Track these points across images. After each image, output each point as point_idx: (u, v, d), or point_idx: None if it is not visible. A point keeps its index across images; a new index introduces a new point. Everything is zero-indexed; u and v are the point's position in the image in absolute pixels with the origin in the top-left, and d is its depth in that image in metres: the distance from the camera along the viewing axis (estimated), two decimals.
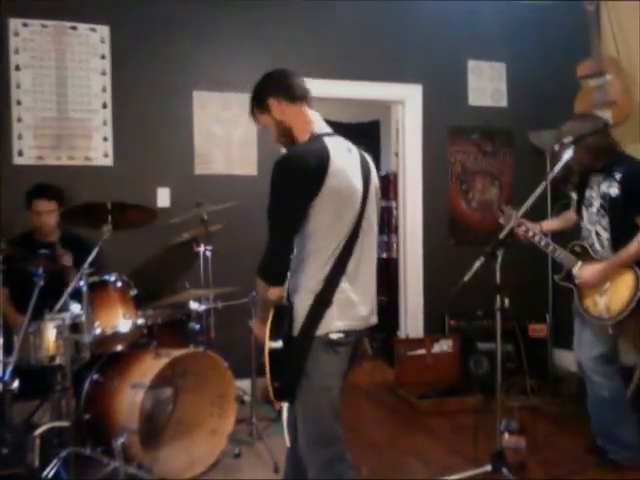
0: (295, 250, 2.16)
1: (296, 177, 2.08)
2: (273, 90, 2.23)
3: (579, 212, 3.39)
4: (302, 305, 2.11)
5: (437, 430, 3.97)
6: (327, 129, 2.25)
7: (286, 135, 2.25)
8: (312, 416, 2.19)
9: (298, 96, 2.22)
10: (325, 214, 2.09)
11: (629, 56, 4.54)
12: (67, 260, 3.63)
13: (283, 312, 2.14)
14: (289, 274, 2.18)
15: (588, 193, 3.30)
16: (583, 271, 3.20)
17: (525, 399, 4.32)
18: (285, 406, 2.33)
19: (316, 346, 2.10)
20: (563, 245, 3.33)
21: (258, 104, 2.27)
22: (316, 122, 2.24)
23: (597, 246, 3.23)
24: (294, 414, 2.23)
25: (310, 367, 2.11)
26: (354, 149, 2.25)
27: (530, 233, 3.28)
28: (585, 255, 3.25)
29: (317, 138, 2.17)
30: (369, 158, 2.31)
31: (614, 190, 3.15)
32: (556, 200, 4.80)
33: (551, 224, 3.63)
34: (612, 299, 3.12)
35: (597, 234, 3.24)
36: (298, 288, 2.14)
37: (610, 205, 3.17)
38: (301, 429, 2.20)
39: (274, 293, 2.17)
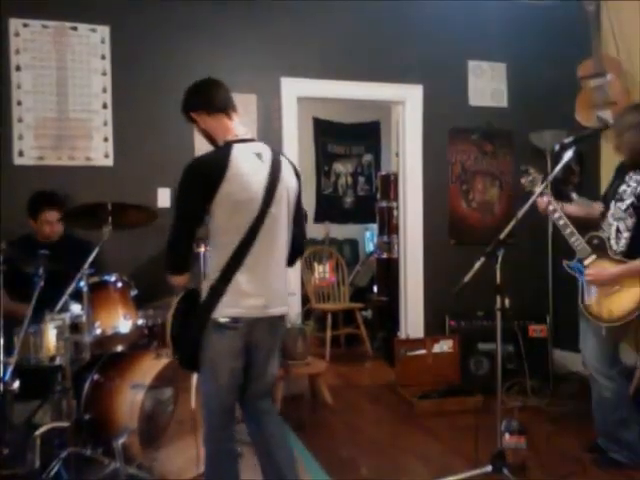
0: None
1: (192, 182, 2.38)
2: (194, 104, 2.56)
3: (605, 203, 3.32)
4: (204, 291, 2.44)
5: (437, 430, 3.97)
6: (243, 136, 2.52)
7: (210, 141, 2.58)
8: (203, 386, 2.56)
9: (216, 108, 2.53)
10: (222, 215, 2.38)
11: (629, 56, 4.54)
12: None
13: (188, 295, 2.54)
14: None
15: (622, 188, 3.22)
16: (597, 268, 3.14)
17: (525, 399, 4.33)
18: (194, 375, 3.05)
19: (210, 327, 2.41)
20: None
21: (186, 116, 2.59)
22: (232, 130, 2.52)
23: (613, 242, 3.17)
24: None
25: (203, 344, 2.44)
26: (267, 155, 2.50)
27: (551, 207, 3.23)
28: (601, 250, 3.17)
29: (226, 146, 2.46)
30: (286, 163, 2.56)
31: None
32: (557, 200, 4.80)
33: (574, 208, 3.46)
34: (616, 303, 3.08)
35: (618, 230, 3.18)
36: (205, 277, 2.53)
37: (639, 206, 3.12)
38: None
39: (177, 280, 2.55)
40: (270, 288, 2.50)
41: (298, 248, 2.71)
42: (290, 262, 2.66)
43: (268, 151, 2.53)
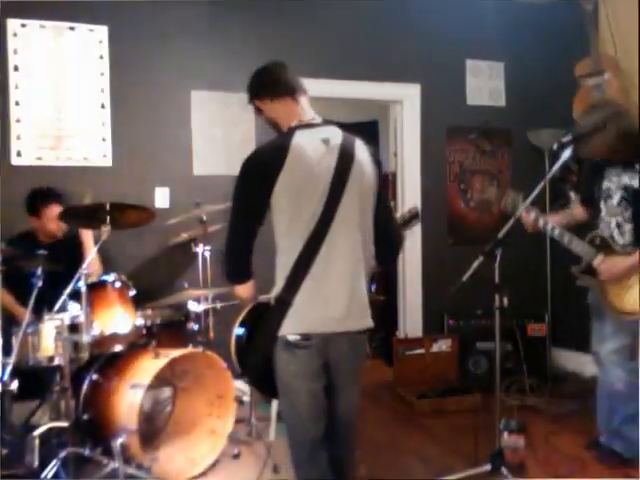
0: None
1: (249, 175, 2.14)
2: (256, 92, 2.30)
3: (592, 205, 3.32)
4: (271, 305, 2.14)
5: (436, 430, 3.97)
6: (310, 120, 2.24)
7: (276, 129, 2.30)
8: (284, 413, 2.27)
9: (279, 92, 2.25)
10: (283, 211, 2.10)
11: (627, 55, 4.54)
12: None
13: (255, 311, 2.26)
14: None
15: (606, 185, 3.23)
16: (608, 265, 3.12)
17: (524, 398, 4.33)
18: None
19: (279, 346, 2.13)
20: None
21: (254, 107, 2.34)
22: (298, 114, 2.24)
23: (617, 237, 3.17)
24: None
25: (276, 367, 2.16)
26: (336, 140, 2.19)
27: (541, 221, 3.22)
28: (605, 247, 3.16)
29: (287, 133, 2.18)
30: (362, 149, 2.24)
31: (636, 181, 3.11)
32: (555, 199, 4.81)
33: (557, 219, 3.43)
34: (635, 296, 3.06)
35: (618, 225, 3.17)
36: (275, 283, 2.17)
37: (634, 197, 3.12)
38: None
39: (241, 290, 2.29)
40: (347, 297, 2.13)
41: (390, 247, 2.37)
42: (384, 262, 2.36)
43: (339, 136, 2.22)
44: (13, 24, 4.15)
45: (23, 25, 4.17)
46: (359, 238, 2.18)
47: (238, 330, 2.24)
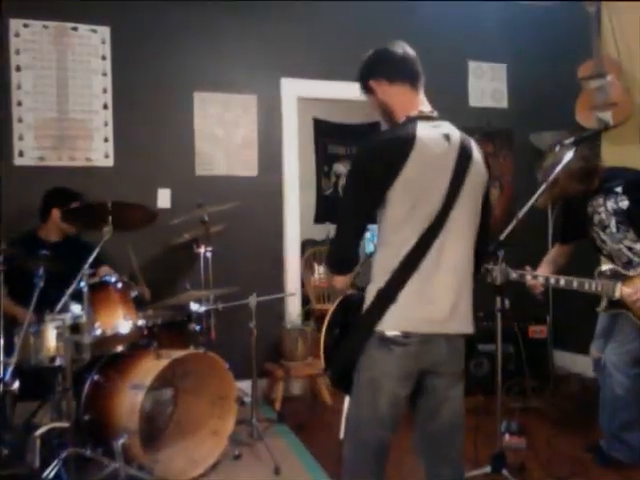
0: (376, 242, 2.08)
1: (368, 167, 1.99)
2: (374, 71, 2.15)
3: (573, 240, 3.38)
4: (368, 298, 2.01)
5: None
6: (429, 113, 2.13)
7: (387, 116, 2.16)
8: (355, 412, 2.13)
9: (399, 77, 2.11)
10: (399, 205, 1.97)
11: (630, 57, 4.54)
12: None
13: (348, 302, 2.14)
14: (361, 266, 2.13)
15: (597, 218, 3.24)
16: (632, 290, 3.08)
17: (525, 400, 4.32)
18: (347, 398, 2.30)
19: (372, 342, 2.00)
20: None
21: (362, 86, 2.20)
22: (417, 104, 2.12)
23: (636, 259, 3.15)
24: None
25: (363, 362, 2.04)
26: (455, 137, 2.08)
27: (541, 279, 3.19)
28: (620, 275, 3.16)
29: (409, 122, 2.04)
30: (475, 148, 2.12)
31: (624, 203, 3.12)
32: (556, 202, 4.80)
33: (545, 269, 3.37)
34: None
35: (629, 249, 3.18)
36: (370, 280, 2.05)
37: (628, 218, 3.13)
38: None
39: (338, 281, 2.15)
40: (452, 299, 2.03)
41: (479, 254, 2.21)
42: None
43: (457, 133, 2.10)
44: (15, 24, 4.15)
45: (25, 25, 4.17)
46: (470, 240, 2.10)
47: (329, 333, 2.15)
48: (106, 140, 4.37)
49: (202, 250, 4.00)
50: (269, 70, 4.72)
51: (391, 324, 1.97)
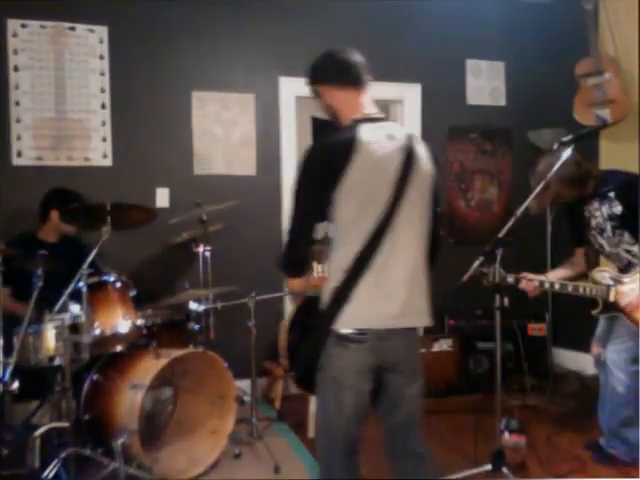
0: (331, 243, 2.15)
1: (313, 169, 2.08)
2: (320, 75, 2.24)
3: (581, 244, 3.38)
4: (324, 297, 2.08)
5: (437, 429, 3.96)
6: (374, 114, 2.20)
7: (334, 118, 2.23)
8: (322, 410, 2.18)
9: (345, 82, 2.20)
10: (347, 207, 2.05)
11: (627, 54, 4.54)
12: None
13: (309, 304, 2.21)
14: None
15: (594, 222, 3.25)
16: (627, 295, 3.09)
17: (525, 398, 4.33)
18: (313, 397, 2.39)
19: (331, 341, 2.07)
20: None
21: (311, 89, 2.28)
22: (362, 107, 2.19)
23: (635, 262, 3.16)
24: None
25: (323, 361, 2.10)
26: (400, 137, 2.15)
27: (536, 282, 3.19)
28: (612, 279, 3.17)
29: (353, 126, 2.11)
30: (420, 146, 2.19)
31: (617, 208, 3.13)
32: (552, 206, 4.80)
33: (556, 274, 3.39)
34: None
35: (627, 251, 3.19)
36: (328, 278, 2.11)
37: (622, 222, 3.14)
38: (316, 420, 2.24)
39: (294, 284, 2.24)
40: (406, 294, 2.11)
41: (433, 247, 2.33)
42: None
43: (402, 133, 2.17)
44: (13, 24, 4.15)
45: (23, 25, 4.17)
46: (420, 236, 2.18)
47: (291, 334, 2.25)
48: (104, 140, 4.37)
49: (201, 249, 4.00)
50: (267, 69, 4.71)
51: (346, 322, 2.04)
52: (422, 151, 2.18)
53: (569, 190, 3.18)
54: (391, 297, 2.08)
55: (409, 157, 2.12)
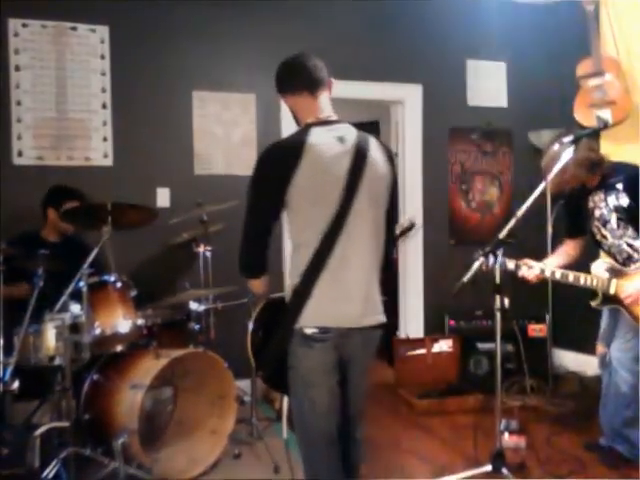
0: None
1: (264, 171, 2.15)
2: (278, 85, 2.34)
3: (579, 234, 3.38)
4: (286, 298, 2.16)
5: (437, 430, 3.97)
6: (327, 117, 2.26)
7: (296, 122, 2.33)
8: (297, 409, 2.24)
9: (299, 87, 2.27)
10: (298, 210, 2.13)
11: (628, 56, 4.54)
12: None
13: (271, 305, 2.30)
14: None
15: (597, 213, 3.25)
16: (627, 287, 3.09)
17: (525, 399, 4.33)
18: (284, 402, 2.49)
19: (295, 340, 2.14)
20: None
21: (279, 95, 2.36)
22: (315, 111, 2.25)
23: (636, 256, 3.16)
24: None
25: (291, 361, 2.18)
26: (351, 138, 2.20)
27: (537, 270, 3.20)
28: (616, 271, 3.17)
29: (303, 129, 2.19)
30: (376, 147, 2.25)
31: (624, 200, 3.13)
32: (556, 201, 4.80)
33: (552, 261, 3.38)
34: None
35: (629, 245, 3.18)
36: (288, 279, 2.19)
37: (627, 215, 3.14)
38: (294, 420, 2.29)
39: (254, 285, 2.31)
40: (363, 294, 2.18)
41: (387, 247, 2.33)
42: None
43: (354, 134, 2.23)
44: (14, 24, 4.15)
45: (24, 25, 4.17)
46: (373, 237, 2.22)
47: (252, 326, 2.30)
48: (105, 139, 4.37)
49: (201, 249, 4.00)
50: (268, 69, 4.64)
51: (309, 321, 2.11)
52: (376, 152, 2.23)
53: (585, 173, 3.17)
54: (351, 296, 2.15)
55: (360, 159, 2.17)
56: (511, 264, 3.20)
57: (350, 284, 2.14)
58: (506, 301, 3.08)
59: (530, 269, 3.21)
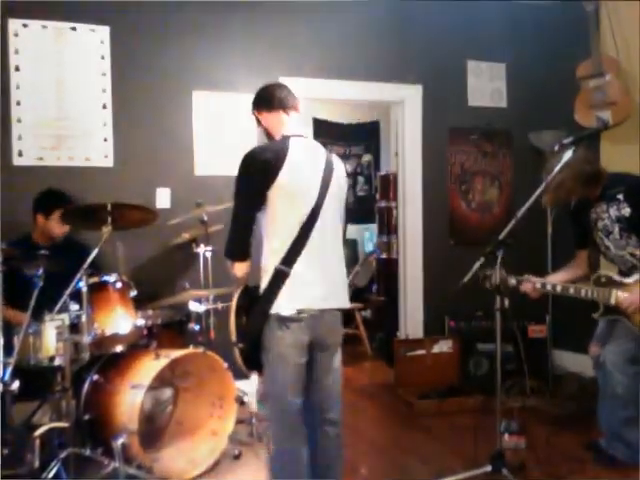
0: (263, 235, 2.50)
1: (251, 170, 2.46)
2: (257, 103, 2.69)
3: (584, 247, 3.38)
4: (263, 283, 2.44)
5: (437, 430, 3.97)
6: (299, 132, 2.62)
7: (268, 137, 2.69)
8: (271, 388, 2.51)
9: (275, 106, 2.63)
10: (279, 203, 2.43)
11: (629, 56, 4.54)
12: None
13: (247, 291, 2.54)
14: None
15: (601, 224, 3.26)
16: (629, 298, 3.09)
17: (525, 400, 4.32)
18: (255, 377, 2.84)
19: (271, 323, 2.41)
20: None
21: (254, 116, 2.72)
22: (290, 126, 2.62)
23: (639, 265, 3.16)
24: None
25: (267, 341, 2.44)
26: (321, 152, 2.61)
27: (538, 284, 3.23)
28: (613, 283, 3.18)
29: (284, 139, 2.55)
30: (337, 161, 2.65)
31: (626, 210, 3.14)
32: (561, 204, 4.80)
33: (557, 277, 3.42)
34: None
35: (632, 255, 3.19)
36: (262, 269, 2.46)
37: (629, 225, 3.15)
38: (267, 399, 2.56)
39: (237, 269, 2.55)
40: (331, 280, 2.51)
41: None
42: None
43: (322, 149, 2.65)
44: (15, 24, 4.15)
45: (25, 25, 4.17)
46: (338, 231, 2.61)
47: (236, 320, 2.55)
48: (105, 140, 4.37)
49: (201, 250, 4.00)
50: (268, 69, 4.71)
51: (285, 304, 2.39)
52: (339, 165, 2.65)
53: (582, 188, 3.19)
54: (322, 281, 2.47)
55: (329, 168, 2.57)
56: (513, 280, 3.21)
57: (322, 270, 2.47)
58: (506, 302, 3.08)
59: (531, 284, 3.24)
